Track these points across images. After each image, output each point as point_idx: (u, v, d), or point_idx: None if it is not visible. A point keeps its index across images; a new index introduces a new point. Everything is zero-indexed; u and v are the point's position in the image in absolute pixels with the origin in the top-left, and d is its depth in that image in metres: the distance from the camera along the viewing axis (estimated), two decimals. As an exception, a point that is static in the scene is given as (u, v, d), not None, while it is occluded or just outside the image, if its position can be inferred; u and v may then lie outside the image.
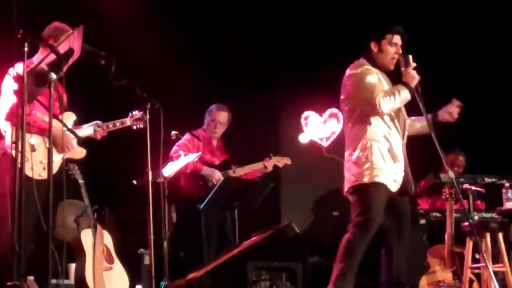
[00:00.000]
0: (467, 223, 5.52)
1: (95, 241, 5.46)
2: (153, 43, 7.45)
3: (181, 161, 6.21)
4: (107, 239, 5.64)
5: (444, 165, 5.06)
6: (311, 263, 6.09)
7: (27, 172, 4.18)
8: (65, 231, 5.38)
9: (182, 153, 6.35)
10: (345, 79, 4.91)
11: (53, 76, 3.87)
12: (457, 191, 5.53)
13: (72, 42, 4.06)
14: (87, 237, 5.50)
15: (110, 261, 5.57)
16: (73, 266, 5.64)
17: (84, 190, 5.58)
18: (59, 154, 4.71)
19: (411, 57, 4.85)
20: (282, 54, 7.96)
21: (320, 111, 8.28)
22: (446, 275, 6.11)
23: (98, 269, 5.40)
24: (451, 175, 5.04)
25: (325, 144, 8.22)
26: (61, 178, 4.18)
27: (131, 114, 5.30)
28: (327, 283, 4.74)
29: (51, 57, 3.92)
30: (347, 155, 4.89)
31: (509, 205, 5.87)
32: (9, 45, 3.80)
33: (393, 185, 4.78)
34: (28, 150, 4.28)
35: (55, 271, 4.20)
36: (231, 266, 5.27)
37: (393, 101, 4.71)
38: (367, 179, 4.72)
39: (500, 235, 5.57)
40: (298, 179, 7.89)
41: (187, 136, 6.52)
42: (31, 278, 5.13)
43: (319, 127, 8.26)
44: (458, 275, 5.91)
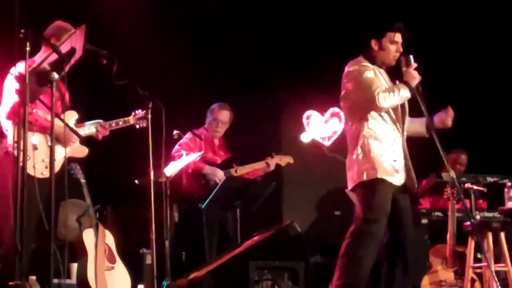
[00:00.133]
0: (469, 223, 5.52)
1: (97, 241, 5.46)
2: (154, 42, 7.44)
3: (183, 160, 6.20)
4: (109, 239, 5.63)
5: (445, 164, 5.05)
6: (313, 262, 6.10)
7: (29, 170, 4.18)
8: (67, 231, 5.37)
9: (184, 152, 6.34)
10: (343, 76, 4.91)
11: (55, 75, 3.87)
12: (458, 190, 5.52)
13: (74, 41, 4.06)
14: (89, 236, 5.49)
15: (112, 260, 5.56)
16: (75, 265, 5.63)
17: (86, 189, 5.57)
18: (62, 148, 4.69)
19: (412, 57, 4.85)
20: (284, 53, 7.95)
21: (322, 111, 8.28)
22: (448, 274, 6.10)
23: (100, 269, 5.40)
24: (452, 174, 5.04)
25: (327, 143, 8.23)
26: (63, 177, 4.19)
27: (134, 113, 5.28)
28: (329, 283, 4.73)
29: (53, 56, 3.92)
30: (349, 153, 4.89)
31: (511, 204, 5.87)
32: (11, 45, 3.80)
33: (394, 181, 4.78)
34: (30, 148, 4.29)
35: (57, 270, 4.20)
36: (233, 265, 5.27)
37: (392, 97, 4.70)
38: (367, 176, 4.72)
39: (502, 234, 5.57)
40: (300, 179, 7.89)
41: (188, 135, 6.51)
42: (33, 277, 5.12)
43: (321, 127, 8.26)
44: (460, 274, 5.91)
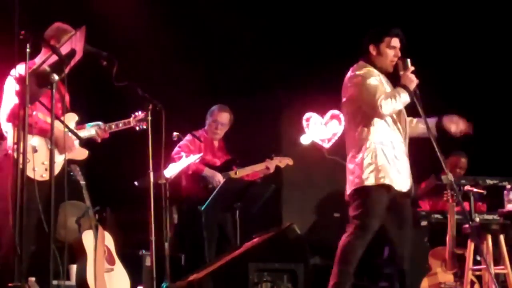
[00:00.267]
0: (468, 225, 5.52)
1: (97, 242, 5.46)
2: (154, 44, 7.45)
3: (182, 162, 6.20)
4: (109, 240, 5.63)
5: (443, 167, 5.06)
6: (312, 264, 6.09)
7: (29, 173, 4.17)
8: (67, 232, 5.36)
9: (183, 154, 6.34)
10: (346, 80, 4.90)
11: (55, 77, 3.87)
12: (457, 193, 5.53)
13: (74, 43, 4.06)
14: (88, 238, 5.49)
15: (111, 262, 5.56)
16: (74, 267, 5.62)
17: (85, 191, 5.57)
18: (60, 155, 4.70)
19: (409, 61, 4.85)
20: (283, 55, 7.95)
21: (321, 113, 8.28)
22: (447, 277, 6.10)
23: (99, 270, 5.39)
24: (450, 177, 5.04)
25: (327, 145, 8.22)
26: (62, 179, 4.19)
27: (134, 115, 5.27)
28: (328, 285, 4.74)
29: (53, 58, 3.92)
30: (349, 157, 4.87)
31: (510, 207, 5.85)
32: (12, 46, 3.79)
33: (401, 185, 4.78)
34: (29, 151, 4.29)
35: (57, 272, 4.20)
36: (232, 267, 5.27)
37: (394, 103, 4.71)
38: (372, 181, 4.71)
39: (501, 237, 5.57)
40: (299, 181, 7.89)
41: (188, 137, 6.51)
42: (33, 279, 5.11)
43: (321, 129, 8.25)
44: (459, 277, 5.90)
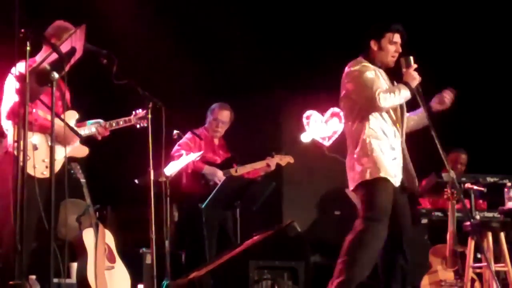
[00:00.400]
0: (468, 223, 5.52)
1: (97, 240, 5.46)
2: (154, 42, 7.44)
3: (182, 160, 6.20)
4: (109, 238, 5.63)
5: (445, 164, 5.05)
6: (312, 262, 6.10)
7: (29, 170, 4.17)
8: (67, 230, 5.38)
9: (183, 152, 6.34)
10: (343, 77, 4.91)
11: (55, 75, 3.87)
12: (458, 190, 5.53)
13: (74, 41, 4.05)
14: (89, 236, 5.49)
15: (111, 260, 5.56)
16: (75, 265, 5.63)
17: (86, 189, 5.58)
18: (61, 148, 4.68)
19: (412, 58, 4.85)
20: (283, 53, 7.95)
21: (322, 110, 8.28)
22: (447, 274, 6.11)
23: (99, 268, 5.40)
24: (452, 174, 5.04)
25: (327, 143, 8.23)
26: (63, 177, 4.19)
27: (134, 112, 5.27)
28: (329, 282, 4.73)
29: (53, 56, 3.92)
30: (349, 153, 4.88)
31: (511, 204, 5.86)
32: (12, 44, 3.79)
33: (394, 180, 4.78)
34: (30, 148, 4.29)
35: (57, 270, 4.19)
36: (232, 265, 5.27)
37: (393, 98, 4.71)
38: (369, 175, 4.71)
39: (502, 234, 5.57)
40: (300, 179, 7.89)
41: (188, 135, 6.50)
42: (33, 277, 5.13)
43: (321, 127, 8.26)
44: (459, 274, 5.91)
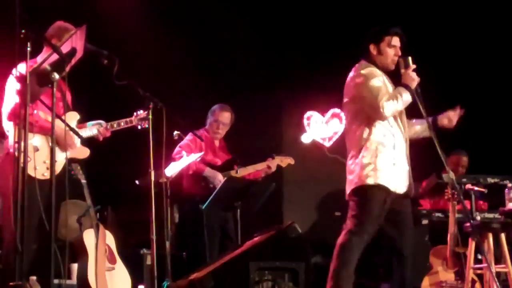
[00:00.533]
0: (469, 224, 5.52)
1: (98, 241, 5.46)
2: (155, 42, 7.45)
3: (183, 161, 6.20)
4: (110, 239, 5.63)
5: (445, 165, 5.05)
6: (313, 263, 6.09)
7: (30, 172, 4.17)
8: (68, 231, 5.36)
9: (184, 153, 6.34)
10: (349, 80, 4.87)
11: (56, 75, 3.87)
12: (459, 191, 5.52)
13: (75, 41, 4.06)
14: (89, 237, 5.50)
15: (112, 261, 5.56)
16: (75, 266, 5.63)
17: (86, 190, 5.58)
18: (62, 152, 4.69)
19: (410, 59, 4.84)
20: (284, 54, 7.95)
21: (322, 111, 8.29)
22: (448, 275, 6.11)
23: (100, 269, 5.40)
24: (452, 175, 5.03)
25: (328, 144, 8.23)
26: (64, 178, 4.19)
27: (135, 113, 5.26)
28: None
29: (54, 56, 3.92)
30: (350, 157, 4.85)
31: (511, 205, 5.86)
32: (13, 45, 3.79)
33: (397, 187, 4.76)
34: (30, 150, 4.28)
35: (58, 271, 4.19)
36: (233, 266, 5.27)
37: (395, 104, 4.69)
38: (371, 181, 4.68)
39: (502, 235, 5.57)
40: (300, 179, 7.89)
41: (189, 136, 6.50)
42: (34, 278, 5.12)
43: (322, 127, 8.27)
44: (460, 275, 5.91)
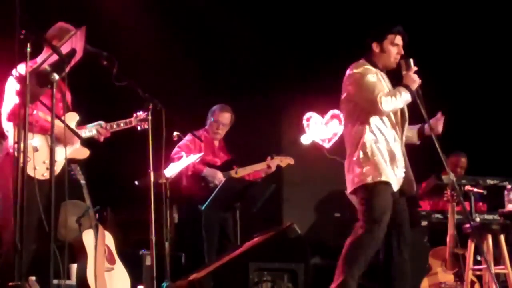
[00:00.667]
0: (468, 225, 5.52)
1: (97, 242, 5.47)
2: (155, 43, 7.45)
3: (182, 162, 6.20)
4: (109, 240, 5.64)
5: (445, 166, 5.05)
6: (312, 264, 6.09)
7: (30, 172, 4.18)
8: (67, 232, 5.36)
9: (183, 154, 6.34)
10: (345, 79, 4.91)
11: (55, 76, 3.87)
12: (458, 192, 5.53)
13: (74, 42, 4.06)
14: (88, 237, 5.50)
15: (111, 261, 5.56)
16: (74, 266, 5.63)
17: (86, 190, 5.58)
18: (63, 148, 4.66)
19: (412, 61, 4.85)
20: (284, 55, 7.96)
21: (322, 112, 8.28)
22: (447, 277, 6.11)
23: (99, 270, 5.40)
24: (452, 177, 5.04)
25: (327, 145, 8.23)
26: (63, 178, 4.19)
27: (135, 114, 5.26)
28: (329, 284, 4.73)
29: (54, 57, 3.93)
30: (347, 155, 4.88)
31: (511, 207, 5.86)
32: (12, 46, 3.80)
33: (394, 184, 4.77)
34: (30, 150, 4.29)
35: (57, 271, 4.20)
36: (232, 267, 5.27)
37: (394, 101, 4.70)
38: (370, 179, 4.71)
39: (501, 237, 5.58)
40: (300, 180, 7.89)
41: (188, 136, 6.51)
42: (33, 278, 5.13)
43: (321, 128, 8.27)
44: (459, 277, 5.91)
